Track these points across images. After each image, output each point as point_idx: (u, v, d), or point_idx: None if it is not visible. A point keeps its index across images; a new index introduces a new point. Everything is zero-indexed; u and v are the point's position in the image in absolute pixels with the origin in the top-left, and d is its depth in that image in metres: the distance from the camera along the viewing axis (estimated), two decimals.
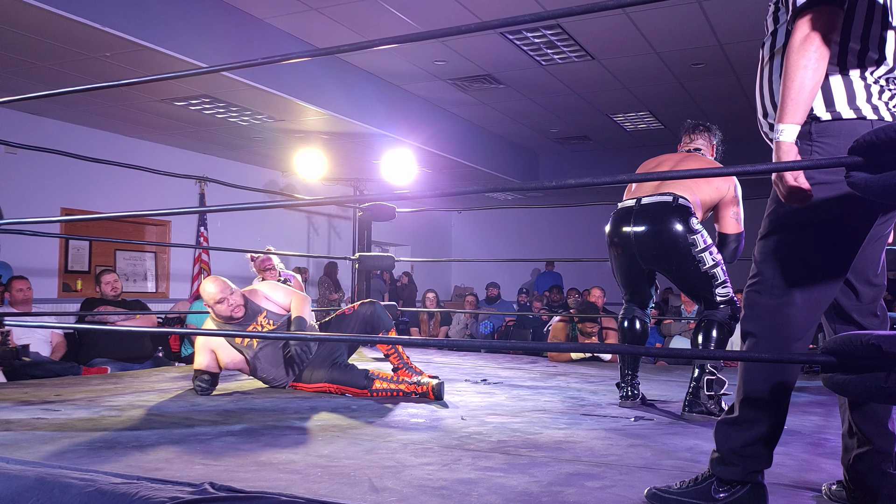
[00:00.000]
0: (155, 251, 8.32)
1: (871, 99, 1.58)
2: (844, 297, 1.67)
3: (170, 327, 6.23)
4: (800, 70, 1.51)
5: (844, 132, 1.57)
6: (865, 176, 1.31)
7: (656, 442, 2.42)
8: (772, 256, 1.63)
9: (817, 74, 1.52)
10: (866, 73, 1.59)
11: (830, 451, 2.29)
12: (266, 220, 9.08)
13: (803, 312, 1.61)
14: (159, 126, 7.26)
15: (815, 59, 1.50)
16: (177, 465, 1.98)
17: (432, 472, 1.97)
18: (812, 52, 1.50)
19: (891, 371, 1.27)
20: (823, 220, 1.58)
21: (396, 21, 5.53)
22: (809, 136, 1.61)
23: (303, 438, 2.38)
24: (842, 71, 1.59)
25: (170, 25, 4.97)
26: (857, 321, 1.66)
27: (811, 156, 1.59)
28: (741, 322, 1.71)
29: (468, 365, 4.78)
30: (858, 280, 1.66)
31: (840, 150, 1.56)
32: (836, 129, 1.58)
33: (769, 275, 1.63)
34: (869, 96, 1.58)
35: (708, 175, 2.95)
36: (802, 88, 1.52)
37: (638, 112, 8.10)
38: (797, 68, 1.51)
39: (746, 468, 1.61)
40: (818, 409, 3.17)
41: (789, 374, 1.62)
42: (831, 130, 1.59)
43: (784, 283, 1.61)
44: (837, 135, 1.58)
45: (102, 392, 3.29)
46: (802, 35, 1.51)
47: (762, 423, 1.61)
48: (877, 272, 1.67)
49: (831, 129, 1.59)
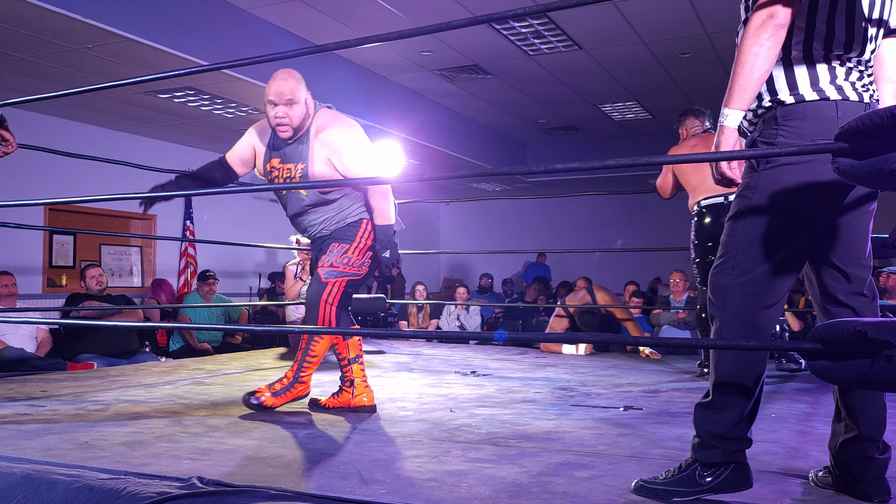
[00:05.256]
0: (141, 245, 8.26)
1: (835, 80, 1.60)
2: (834, 281, 1.68)
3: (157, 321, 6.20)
4: (751, 56, 1.53)
5: (809, 113, 1.59)
6: (851, 162, 1.32)
7: (645, 432, 2.43)
8: (737, 237, 1.65)
9: (767, 62, 1.53)
10: (832, 55, 1.60)
11: (817, 438, 2.30)
12: (252, 213, 9.02)
13: (768, 292, 1.63)
14: (143, 118, 7.19)
15: (766, 48, 1.52)
16: (164, 459, 1.96)
17: (422, 464, 1.96)
18: (765, 39, 1.52)
19: (876, 358, 1.27)
20: (787, 200, 1.60)
21: (383, 11, 5.50)
22: (775, 121, 1.63)
23: (292, 432, 2.37)
24: (806, 54, 1.61)
25: (152, 16, 4.91)
26: (847, 303, 1.67)
27: (776, 139, 1.61)
28: (708, 306, 1.72)
29: (458, 357, 4.78)
30: (846, 264, 1.67)
31: (804, 131, 1.58)
32: (801, 111, 1.60)
33: (733, 255, 1.65)
34: (833, 78, 1.60)
35: (697, 160, 2.96)
36: (751, 75, 1.54)
37: (626, 102, 8.10)
38: (749, 54, 1.53)
39: (727, 449, 1.62)
40: (806, 396, 3.20)
41: (759, 355, 1.64)
42: (796, 113, 1.61)
43: (748, 263, 1.63)
44: (802, 117, 1.60)
45: (88, 387, 3.27)
46: (758, 22, 1.52)
47: (736, 404, 1.63)
48: (864, 255, 1.68)
49: (796, 111, 1.61)
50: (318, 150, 2.68)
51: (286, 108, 2.61)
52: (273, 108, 2.61)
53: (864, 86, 1.63)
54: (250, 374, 3.85)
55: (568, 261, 11.43)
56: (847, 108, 1.58)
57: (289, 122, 2.62)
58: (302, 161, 2.68)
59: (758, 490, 1.68)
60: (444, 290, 11.88)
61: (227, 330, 5.72)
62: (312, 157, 2.67)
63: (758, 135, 1.67)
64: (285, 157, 2.72)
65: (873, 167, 1.28)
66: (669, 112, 8.38)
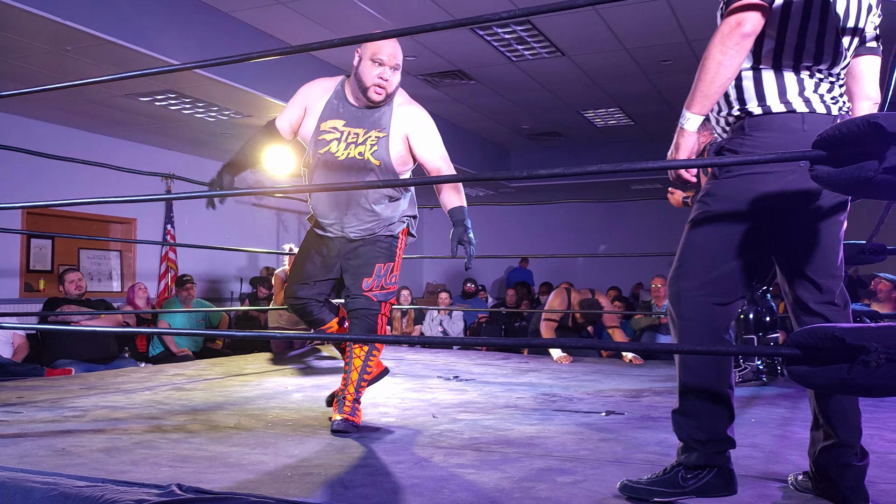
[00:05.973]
0: (120, 249, 8.17)
1: (803, 92, 1.62)
2: (805, 291, 1.70)
3: (136, 327, 6.13)
4: (714, 64, 1.55)
5: (776, 125, 1.61)
6: (829, 169, 1.33)
7: (626, 436, 2.44)
8: (694, 243, 1.68)
9: (731, 70, 1.55)
10: (801, 66, 1.62)
11: (797, 443, 2.33)
12: (234, 217, 8.96)
13: (724, 294, 1.65)
14: (123, 122, 7.12)
15: (731, 56, 1.54)
16: (143, 467, 1.94)
17: (404, 470, 1.96)
18: (730, 48, 1.54)
19: (854, 363, 1.28)
20: (744, 208, 1.62)
21: (365, 16, 5.49)
22: (742, 131, 1.65)
23: (273, 438, 2.35)
24: (775, 65, 1.63)
25: (132, 19, 4.87)
26: (819, 312, 1.69)
27: (741, 149, 1.64)
28: (668, 311, 1.75)
29: (441, 362, 4.78)
30: (817, 274, 1.69)
31: (770, 142, 1.61)
32: (768, 122, 1.62)
33: (690, 259, 1.67)
34: (802, 89, 1.62)
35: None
36: (713, 82, 1.56)
37: (608, 108, 8.14)
38: (713, 62, 1.55)
39: (707, 452, 1.64)
40: (785, 401, 3.22)
41: (722, 359, 1.66)
42: (763, 124, 1.63)
43: (705, 268, 1.65)
44: (769, 128, 1.62)
45: (66, 394, 3.22)
46: (725, 30, 1.54)
47: (709, 406, 1.64)
48: (835, 265, 1.70)
49: (763, 122, 1.63)
50: (401, 122, 2.55)
51: (392, 72, 2.49)
52: (378, 67, 2.47)
53: (833, 98, 1.64)
54: (231, 379, 3.82)
55: (551, 266, 11.46)
56: (814, 121, 1.60)
57: (388, 87, 2.49)
58: (379, 129, 2.53)
59: (738, 494, 1.69)
60: (427, 295, 11.87)
61: (208, 335, 5.68)
62: (394, 127, 2.55)
63: (725, 143, 1.69)
64: (355, 120, 2.54)
65: (850, 175, 1.30)
66: (651, 118, 8.45)
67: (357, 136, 2.53)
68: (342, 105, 2.57)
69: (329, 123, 2.55)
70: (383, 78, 2.47)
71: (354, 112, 2.55)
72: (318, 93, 2.62)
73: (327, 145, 2.54)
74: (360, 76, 2.50)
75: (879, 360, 1.27)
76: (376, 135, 2.53)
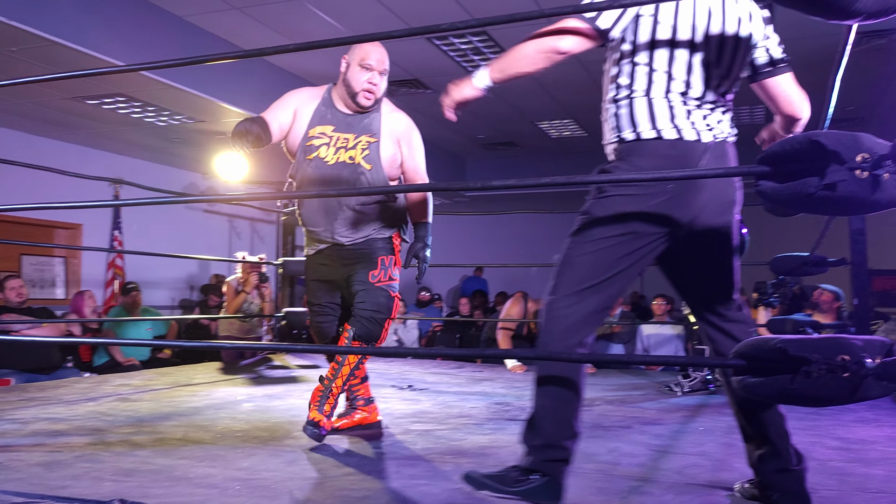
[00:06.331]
0: (65, 255, 7.93)
1: (674, 119, 1.68)
2: (703, 308, 1.77)
3: (81, 336, 5.94)
4: (524, 54, 1.67)
5: (646, 151, 1.68)
6: (772, 185, 1.37)
7: (578, 446, 2.46)
8: (565, 257, 1.72)
9: (530, 68, 1.68)
10: (672, 95, 1.68)
11: (743, 451, 2.37)
12: (185, 224, 8.78)
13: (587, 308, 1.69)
14: (71, 125, 6.93)
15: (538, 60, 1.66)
16: (85, 481, 1.88)
17: (355, 482, 1.94)
18: (542, 53, 1.65)
19: (796, 374, 1.32)
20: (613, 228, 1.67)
21: (322, 24, 5.46)
22: (618, 155, 1.73)
23: (221, 451, 2.30)
24: (648, 94, 1.69)
25: (81, 21, 4.75)
26: (720, 326, 1.76)
27: (616, 172, 1.71)
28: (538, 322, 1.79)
29: (394, 371, 4.75)
30: (709, 292, 1.75)
31: (642, 166, 1.67)
32: (639, 148, 1.69)
33: (559, 273, 1.72)
34: (672, 117, 1.68)
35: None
36: (513, 66, 1.69)
37: (562, 119, 8.25)
38: (525, 52, 1.67)
39: (538, 458, 1.66)
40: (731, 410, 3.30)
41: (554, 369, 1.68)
42: (635, 150, 1.70)
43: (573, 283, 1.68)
44: (640, 154, 1.69)
45: (5, 405, 3.10)
46: (548, 38, 1.65)
47: (548, 416, 1.68)
48: (730, 282, 1.75)
49: (635, 148, 1.70)
50: (392, 128, 2.57)
51: (380, 77, 2.51)
52: (366, 73, 2.48)
53: (708, 125, 1.69)
54: (179, 389, 3.73)
55: (505, 275, 11.53)
56: (684, 147, 1.66)
57: (376, 92, 2.51)
58: (370, 134, 2.53)
59: (686, 502, 1.72)
60: None
61: (156, 346, 5.55)
62: (385, 133, 2.55)
63: (605, 165, 1.76)
64: (345, 125, 2.54)
65: (792, 190, 1.34)
66: None
67: (347, 140, 2.53)
68: (330, 111, 2.57)
69: (318, 129, 2.54)
70: (372, 83, 2.49)
71: (344, 118, 2.55)
72: (306, 99, 2.61)
73: (316, 150, 2.52)
74: (349, 82, 2.51)
75: (820, 371, 1.31)
76: (367, 139, 2.53)
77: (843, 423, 2.80)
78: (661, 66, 1.67)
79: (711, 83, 1.70)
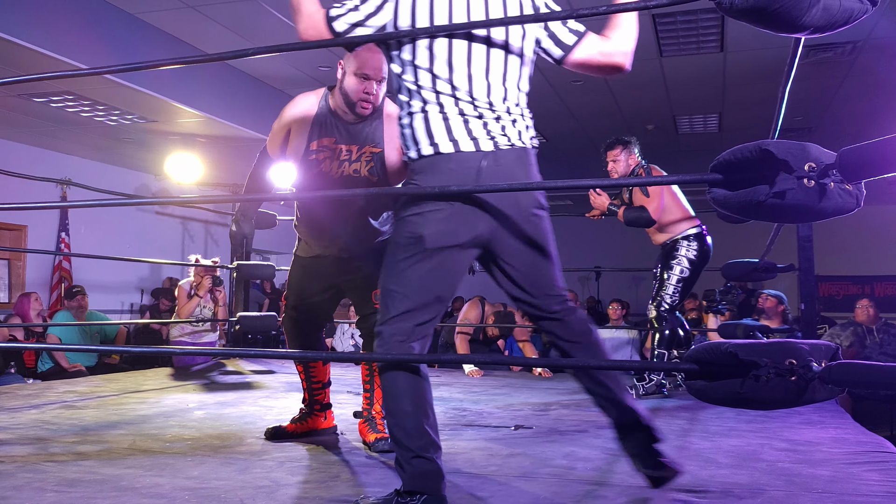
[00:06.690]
0: (8, 258, 7.66)
1: (451, 132, 1.70)
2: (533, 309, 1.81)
3: (25, 341, 5.75)
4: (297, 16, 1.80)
5: (427, 168, 1.71)
6: (724, 192, 1.40)
7: (534, 451, 2.47)
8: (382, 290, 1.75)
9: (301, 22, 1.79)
10: (446, 109, 1.71)
11: (695, 453, 2.41)
12: (137, 226, 8.57)
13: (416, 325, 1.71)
14: (16, 123, 6.71)
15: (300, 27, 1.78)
16: (26, 492, 1.81)
17: (309, 490, 1.91)
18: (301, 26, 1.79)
19: (746, 377, 1.35)
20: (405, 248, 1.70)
21: (277, 23, 5.39)
22: (409, 174, 1.76)
23: (170, 459, 2.24)
24: (423, 111, 1.72)
25: (32, 17, 4.60)
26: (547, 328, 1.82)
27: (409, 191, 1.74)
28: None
29: (351, 376, 4.70)
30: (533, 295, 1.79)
31: (426, 183, 1.70)
32: (421, 166, 1.73)
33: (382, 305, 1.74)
34: (449, 130, 1.70)
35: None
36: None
37: None
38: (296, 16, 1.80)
39: (408, 474, 1.64)
40: (684, 413, 3.35)
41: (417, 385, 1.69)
42: (418, 168, 1.74)
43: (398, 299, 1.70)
44: (423, 171, 1.72)
45: None
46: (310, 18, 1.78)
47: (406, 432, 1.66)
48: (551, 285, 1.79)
49: (418, 166, 1.74)
50: (393, 134, 2.44)
51: (378, 85, 2.40)
52: (364, 81, 2.37)
53: (489, 133, 1.71)
54: (127, 396, 3.63)
55: (464, 280, 11.51)
56: (462, 159, 1.69)
57: (375, 101, 2.41)
58: (373, 144, 2.44)
59: None
60: (341, 307, 11.72)
61: (102, 351, 5.40)
62: (388, 141, 2.45)
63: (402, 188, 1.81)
64: (346, 136, 2.45)
65: (743, 198, 1.37)
66: (564, 137, 8.67)
67: (350, 152, 2.45)
68: (329, 121, 2.48)
69: (319, 142, 2.46)
70: (369, 92, 2.39)
71: (345, 127, 2.46)
72: (302, 112, 2.51)
73: (320, 164, 2.45)
74: (346, 91, 2.41)
75: (769, 375, 1.33)
76: (371, 150, 2.45)
77: (790, 426, 2.87)
78: (425, 82, 1.71)
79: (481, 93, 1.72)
